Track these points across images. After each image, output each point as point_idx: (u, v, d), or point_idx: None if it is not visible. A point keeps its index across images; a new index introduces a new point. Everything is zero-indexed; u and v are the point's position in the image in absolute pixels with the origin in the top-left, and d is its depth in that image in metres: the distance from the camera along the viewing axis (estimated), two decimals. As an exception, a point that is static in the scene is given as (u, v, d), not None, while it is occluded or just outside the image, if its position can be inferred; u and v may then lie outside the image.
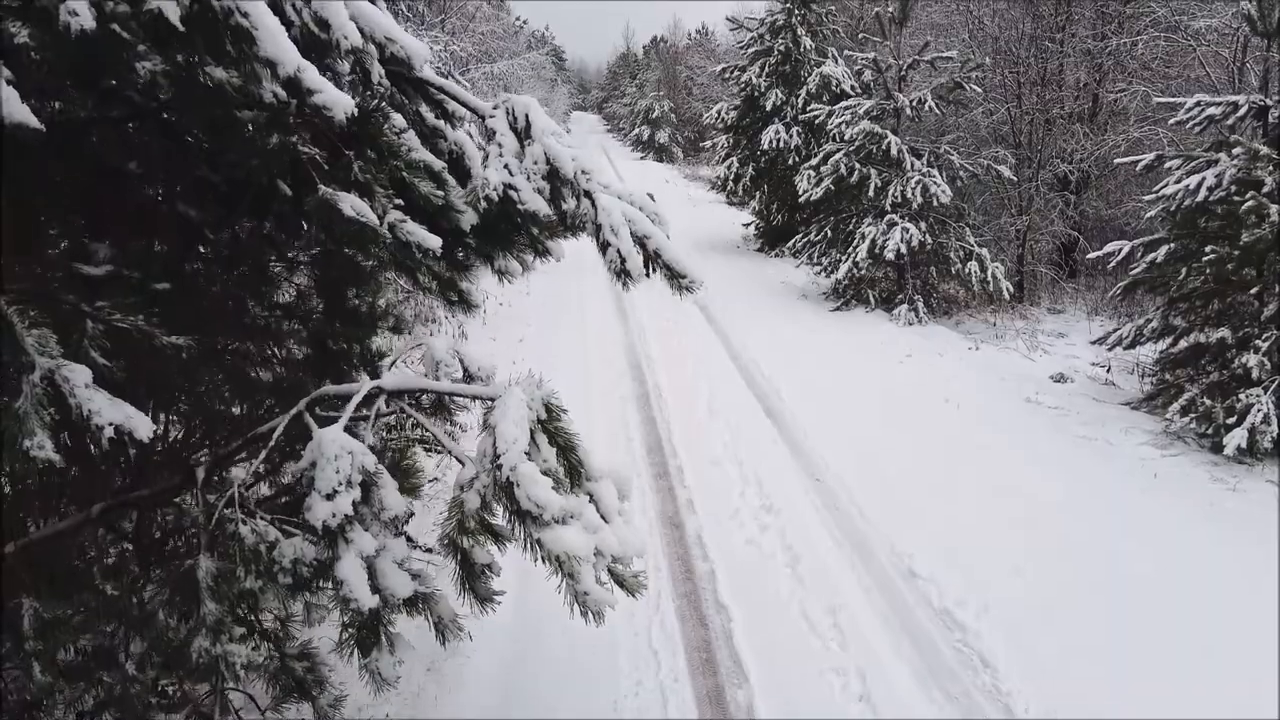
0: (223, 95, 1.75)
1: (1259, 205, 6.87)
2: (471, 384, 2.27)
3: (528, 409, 1.82)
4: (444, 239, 2.19)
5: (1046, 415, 8.24)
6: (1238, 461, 6.96)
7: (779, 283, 14.33)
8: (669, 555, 5.81)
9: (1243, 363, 7.08)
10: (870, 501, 6.50)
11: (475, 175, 2.32)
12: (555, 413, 1.90)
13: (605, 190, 2.24)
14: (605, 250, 2.20)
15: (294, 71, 1.69)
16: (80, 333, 1.74)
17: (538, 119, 2.19)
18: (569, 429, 1.92)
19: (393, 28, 1.97)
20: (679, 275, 2.24)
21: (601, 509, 1.86)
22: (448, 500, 1.99)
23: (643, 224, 2.22)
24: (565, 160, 2.17)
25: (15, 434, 1.50)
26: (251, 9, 1.65)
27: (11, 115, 1.50)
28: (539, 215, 2.14)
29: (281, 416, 1.97)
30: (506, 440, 1.73)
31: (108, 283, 1.93)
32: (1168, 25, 11.53)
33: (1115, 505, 6.34)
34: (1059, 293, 13.78)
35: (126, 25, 1.62)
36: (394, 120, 2.17)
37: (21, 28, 1.61)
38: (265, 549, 1.84)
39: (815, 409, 8.40)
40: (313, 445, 1.83)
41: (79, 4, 1.58)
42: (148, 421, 1.66)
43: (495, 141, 2.18)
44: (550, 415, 1.87)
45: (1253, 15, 7.68)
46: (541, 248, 2.33)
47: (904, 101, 11.76)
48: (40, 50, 1.61)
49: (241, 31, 1.64)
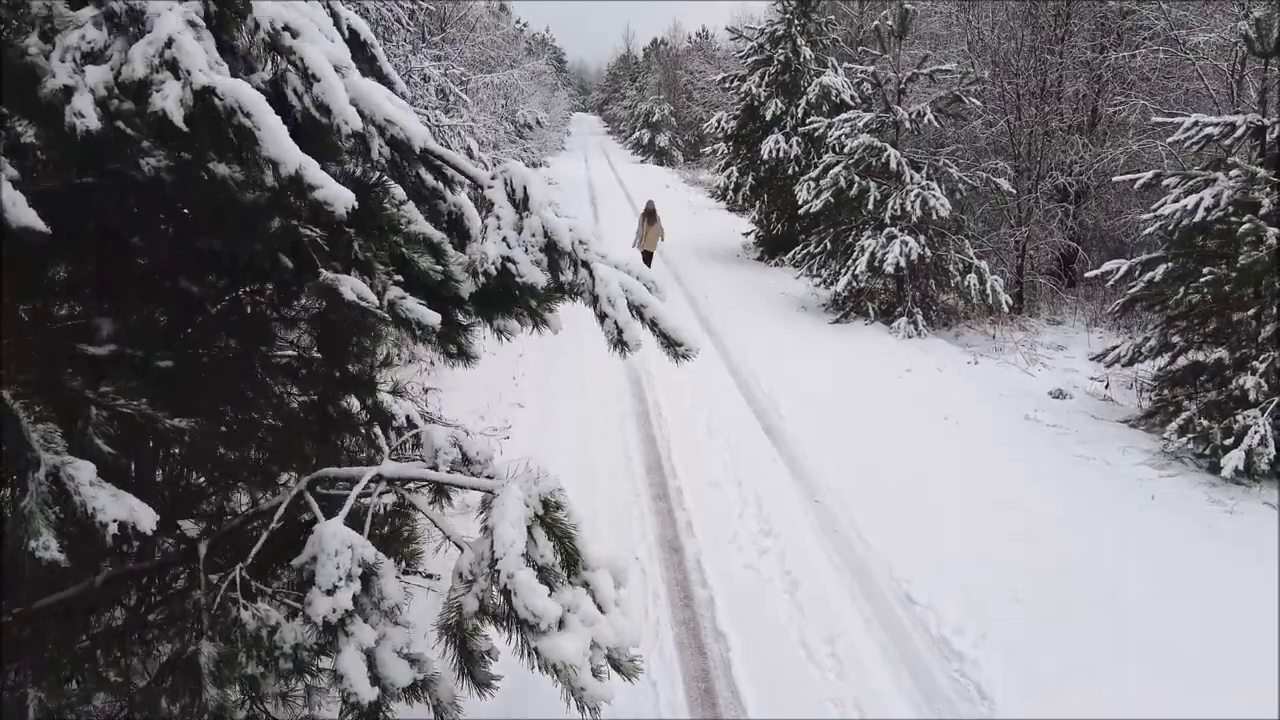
0: (225, 187, 1.78)
1: (1256, 228, 6.89)
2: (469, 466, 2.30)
3: (524, 506, 1.85)
4: (443, 305, 2.21)
5: (1045, 433, 8.26)
6: (1235, 483, 6.98)
7: (779, 293, 14.35)
8: (668, 581, 5.83)
9: (1240, 384, 7.10)
10: (869, 523, 6.52)
11: (473, 245, 2.35)
12: (553, 508, 1.92)
13: (602, 260, 2.26)
14: (603, 320, 2.23)
15: (295, 170, 1.72)
16: (85, 420, 1.77)
17: (535, 190, 2.22)
18: (567, 520, 1.95)
19: (393, 110, 2.00)
20: (675, 343, 2.27)
21: (598, 599, 1.89)
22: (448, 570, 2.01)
23: (639, 292, 2.25)
24: (563, 233, 2.20)
25: (20, 535, 1.53)
26: (253, 109, 1.67)
27: (19, 219, 1.52)
28: (537, 288, 2.17)
29: (284, 495, 2.00)
30: (504, 543, 1.76)
31: (111, 362, 1.96)
32: (1166, 38, 11.55)
33: (1113, 527, 6.36)
34: (1058, 303, 13.80)
35: (131, 122, 1.65)
36: (394, 192, 2.20)
37: (28, 126, 1.64)
38: (267, 633, 1.87)
39: (814, 426, 8.43)
40: (313, 540, 1.85)
41: (84, 103, 1.61)
42: (151, 513, 1.68)
43: (493, 214, 2.21)
44: (548, 509, 1.90)
45: (1250, 35, 7.70)
46: (540, 319, 2.35)
47: (903, 115, 11.78)
48: (46, 149, 1.63)
49: (244, 131, 1.67)
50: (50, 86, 1.62)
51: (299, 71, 1.87)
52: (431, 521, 2.18)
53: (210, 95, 1.65)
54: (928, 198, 11.33)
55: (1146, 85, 12.46)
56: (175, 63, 1.65)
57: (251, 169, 1.72)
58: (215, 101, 1.65)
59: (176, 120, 1.62)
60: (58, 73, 1.64)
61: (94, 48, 1.68)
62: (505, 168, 2.23)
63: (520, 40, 28.77)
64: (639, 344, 2.26)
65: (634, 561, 6.04)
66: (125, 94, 1.66)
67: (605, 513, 6.70)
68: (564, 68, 69.18)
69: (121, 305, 2.08)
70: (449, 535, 2.09)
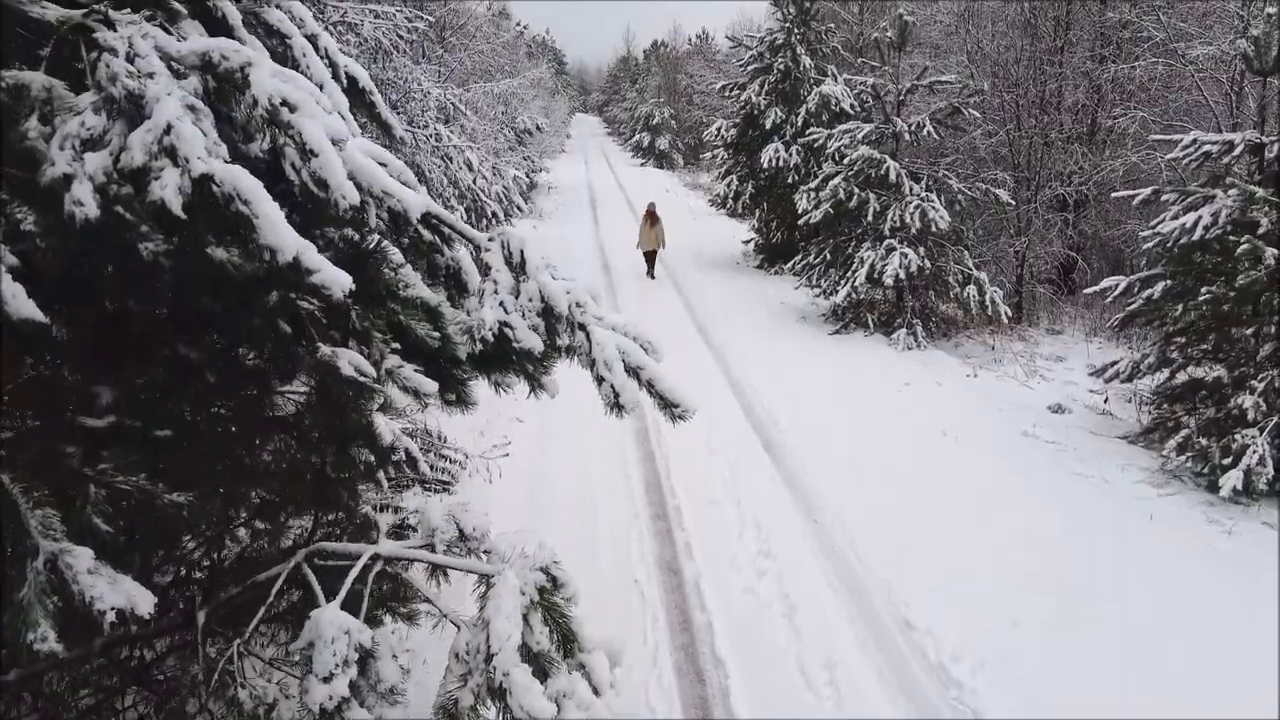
0: (224, 271, 1.80)
1: (1254, 248, 6.90)
2: (466, 542, 2.31)
3: (520, 594, 1.86)
4: (441, 366, 2.22)
5: (1044, 450, 8.27)
6: (1234, 502, 6.99)
7: (779, 303, 14.36)
8: (666, 605, 5.84)
9: (1238, 403, 7.11)
10: (867, 543, 6.53)
11: (471, 303, 2.36)
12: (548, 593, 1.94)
13: (599, 322, 2.28)
14: (600, 383, 2.24)
15: (293, 258, 1.73)
16: (83, 499, 1.78)
17: (532, 254, 2.23)
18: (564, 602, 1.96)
19: (390, 183, 2.01)
20: (672, 404, 2.28)
21: (594, 680, 1.90)
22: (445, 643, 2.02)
23: (636, 355, 2.26)
24: (559, 297, 2.21)
25: (19, 627, 1.54)
26: (251, 196, 1.68)
27: (18, 311, 1.53)
28: (533, 352, 2.18)
29: (281, 565, 2.01)
30: (499, 638, 1.77)
31: (110, 434, 1.97)
32: (1165, 50, 11.56)
33: (1112, 549, 6.37)
34: (1058, 312, 13.80)
35: (130, 206, 1.66)
36: (391, 257, 2.21)
37: (28, 213, 1.65)
38: (264, 711, 1.89)
39: (814, 442, 8.44)
40: (310, 625, 1.87)
41: (84, 192, 1.62)
42: (149, 596, 1.69)
43: (491, 278, 2.22)
44: (543, 594, 1.91)
45: (1249, 54, 7.71)
46: (536, 383, 2.36)
47: (902, 126, 11.78)
48: (45, 235, 1.65)
49: (242, 218, 1.68)
50: (50, 174, 1.64)
51: (297, 146, 1.88)
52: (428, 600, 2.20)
53: (209, 183, 1.66)
54: (927, 209, 11.33)
55: (1146, 96, 12.47)
56: (174, 150, 1.66)
57: (249, 253, 1.74)
58: (214, 188, 1.67)
59: (175, 209, 1.63)
60: (57, 160, 1.65)
61: (93, 134, 1.69)
62: (502, 230, 2.24)
63: (520, 44, 28.76)
64: (636, 406, 2.27)
65: (633, 584, 6.05)
66: (124, 179, 1.67)
67: (605, 534, 6.72)
68: (564, 69, 69.21)
69: (120, 371, 2.09)
70: (445, 614, 2.10)
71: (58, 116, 1.74)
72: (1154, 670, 4.99)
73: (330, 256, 2.08)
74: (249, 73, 1.87)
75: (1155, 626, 5.42)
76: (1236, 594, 5.78)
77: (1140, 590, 5.83)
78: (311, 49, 2.71)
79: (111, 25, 1.85)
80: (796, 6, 15.67)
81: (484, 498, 7.08)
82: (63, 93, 1.78)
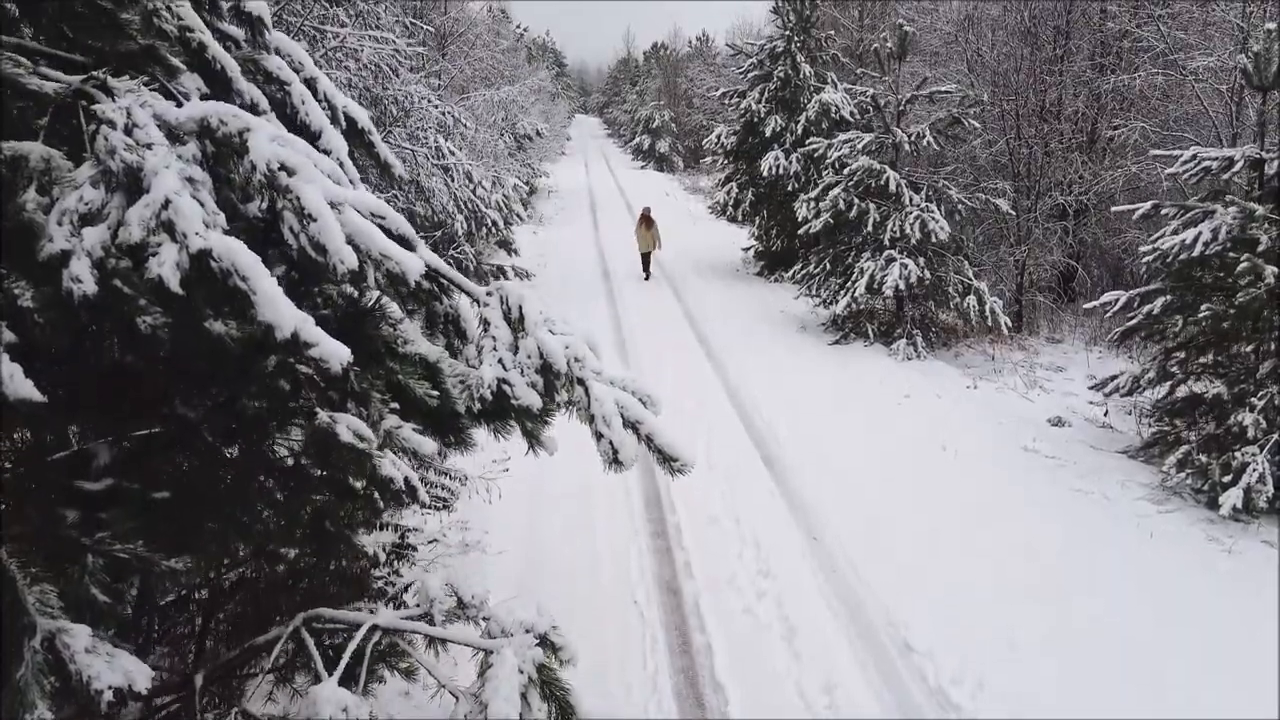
0: (222, 343, 1.80)
1: (1254, 266, 6.90)
2: (465, 610, 2.31)
3: (519, 672, 1.87)
4: (441, 418, 2.22)
5: (1044, 465, 8.26)
6: (1234, 519, 6.99)
7: (778, 311, 14.36)
8: (666, 626, 5.84)
9: (1238, 420, 7.11)
10: (866, 561, 6.53)
11: (469, 350, 2.36)
12: (548, 669, 1.94)
13: (598, 377, 2.28)
14: (599, 439, 2.24)
15: (291, 333, 1.73)
16: (81, 569, 1.78)
17: (530, 309, 2.23)
18: (562, 677, 1.96)
19: (389, 246, 2.01)
20: (671, 459, 2.28)
21: (591, 753, 1.91)
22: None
23: (635, 409, 2.26)
24: (558, 354, 2.21)
25: (15, 707, 1.54)
26: (249, 272, 1.68)
27: (16, 392, 1.54)
28: (532, 410, 2.18)
29: (279, 629, 2.01)
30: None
31: (107, 497, 1.97)
32: (1165, 61, 11.55)
33: (1112, 569, 6.37)
34: (1057, 320, 13.80)
35: (128, 280, 1.66)
36: (390, 313, 2.21)
37: (26, 288, 1.65)
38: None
39: (813, 457, 8.44)
40: (308, 704, 1.87)
41: (81, 268, 1.62)
42: (147, 671, 1.69)
43: (489, 334, 2.22)
44: (542, 671, 1.91)
45: (1249, 69, 7.71)
46: (535, 439, 2.36)
47: (902, 136, 11.78)
48: (42, 311, 1.65)
49: (239, 294, 1.68)
50: (48, 251, 1.63)
51: (295, 210, 1.88)
52: (426, 670, 2.20)
53: (207, 258, 1.66)
54: (927, 220, 11.33)
55: (1146, 106, 12.47)
56: (172, 225, 1.66)
57: (247, 326, 1.74)
58: (212, 264, 1.67)
59: (173, 286, 1.63)
60: (55, 236, 1.65)
61: (91, 208, 1.69)
62: (501, 286, 2.24)
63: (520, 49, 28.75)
64: (634, 460, 2.27)
65: (633, 605, 6.05)
66: (122, 254, 1.67)
67: (605, 552, 6.72)
68: (564, 71, 69.20)
69: (118, 429, 2.09)
70: (444, 685, 2.10)
71: (56, 187, 1.74)
72: (1156, 694, 4.99)
73: (329, 314, 2.08)
74: (247, 138, 1.87)
75: (1156, 647, 5.42)
76: (1237, 613, 5.78)
77: (1140, 611, 5.83)
78: (310, 94, 2.71)
79: (110, 92, 1.85)
80: (796, 14, 15.66)
81: (484, 517, 7.10)
82: (61, 162, 1.78)
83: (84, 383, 1.99)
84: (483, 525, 7.04)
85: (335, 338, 2.07)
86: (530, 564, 6.65)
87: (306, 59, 2.85)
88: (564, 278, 17.51)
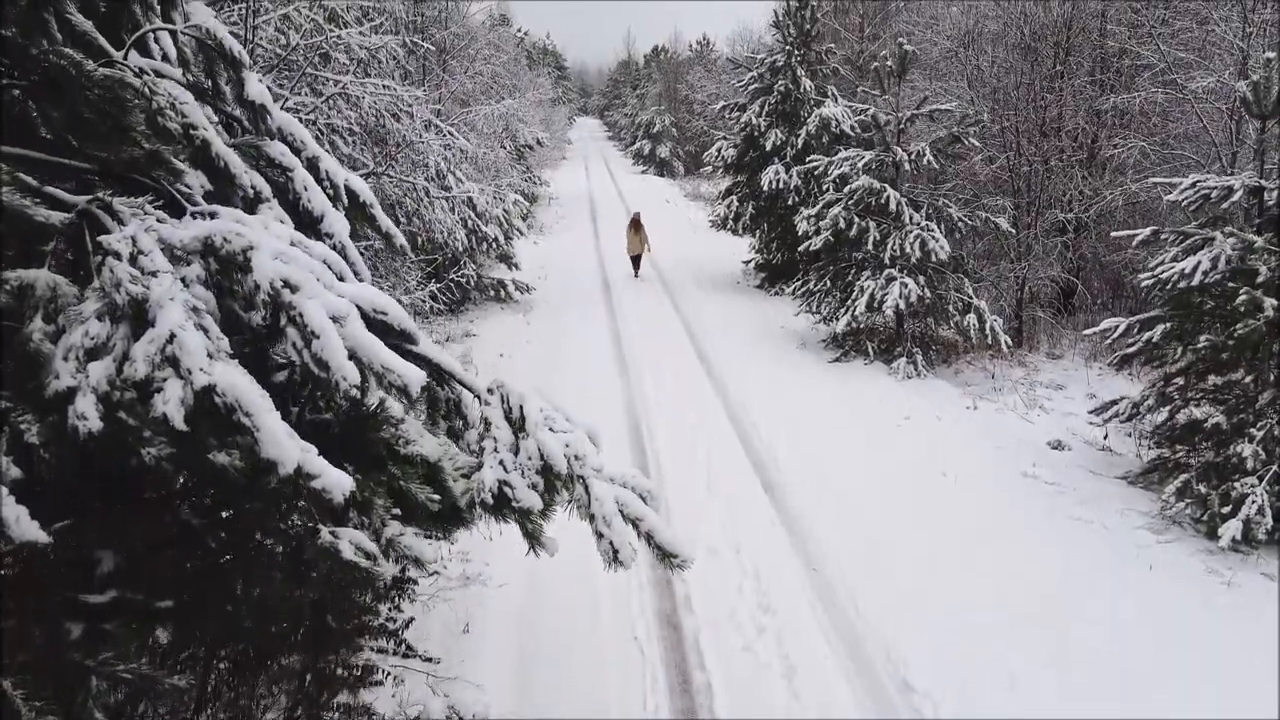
0: (225, 473, 1.82)
1: (1253, 299, 6.91)
2: None
3: None
4: (440, 519, 2.24)
5: (1043, 492, 8.28)
6: (1233, 550, 7.00)
7: (779, 327, 14.37)
8: (666, 663, 5.86)
9: (1237, 451, 7.12)
10: (865, 594, 6.56)
11: (470, 441, 2.37)
12: None
13: (598, 475, 2.30)
14: (599, 538, 2.26)
15: (293, 469, 1.75)
16: (85, 693, 1.80)
17: (531, 410, 2.25)
18: None
19: (390, 358, 2.03)
20: (671, 555, 2.31)
21: None
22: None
23: (635, 506, 2.28)
24: (558, 456, 2.23)
25: None
26: (253, 408, 1.70)
27: (21, 535, 1.56)
28: (533, 512, 2.21)
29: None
30: None
31: (111, 608, 1.99)
32: (1165, 81, 11.57)
33: (1112, 602, 6.38)
34: (1058, 335, 13.81)
35: (132, 411, 1.68)
36: (391, 413, 2.23)
37: (32, 422, 1.67)
38: None
39: (813, 483, 8.46)
40: None
41: (87, 405, 1.64)
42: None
43: (490, 434, 2.24)
44: None
45: (1249, 98, 7.72)
46: (536, 541, 2.39)
47: (902, 155, 11.79)
48: (47, 446, 1.67)
49: (243, 429, 1.70)
50: (54, 387, 1.66)
51: (298, 328, 1.90)
52: None
53: (211, 394, 1.68)
54: (927, 239, 11.35)
55: (1146, 123, 12.48)
56: (176, 360, 1.68)
57: (250, 457, 1.76)
58: (216, 399, 1.69)
59: (178, 424, 1.65)
60: (61, 373, 1.67)
61: (97, 342, 1.71)
62: (502, 384, 2.26)
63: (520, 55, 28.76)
64: (634, 558, 2.29)
65: (633, 641, 6.07)
66: (128, 386, 1.69)
67: (605, 586, 6.73)
68: (564, 74, 69.21)
69: (123, 535, 2.11)
70: None
71: (62, 315, 1.76)
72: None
73: (330, 418, 2.10)
74: (250, 256, 1.89)
75: (1156, 683, 5.44)
76: (1238, 648, 5.80)
77: (1140, 645, 5.85)
78: (311, 179, 2.73)
79: (114, 213, 1.87)
80: (797, 29, 15.68)
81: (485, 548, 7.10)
82: (67, 289, 1.80)
83: (87, 492, 2.01)
84: (484, 557, 7.05)
85: (338, 442, 2.09)
86: (531, 596, 6.67)
87: (308, 137, 2.87)
88: (564, 289, 17.53)
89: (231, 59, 2.53)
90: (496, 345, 13.41)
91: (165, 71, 2.63)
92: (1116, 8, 12.90)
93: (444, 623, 6.24)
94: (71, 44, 2.42)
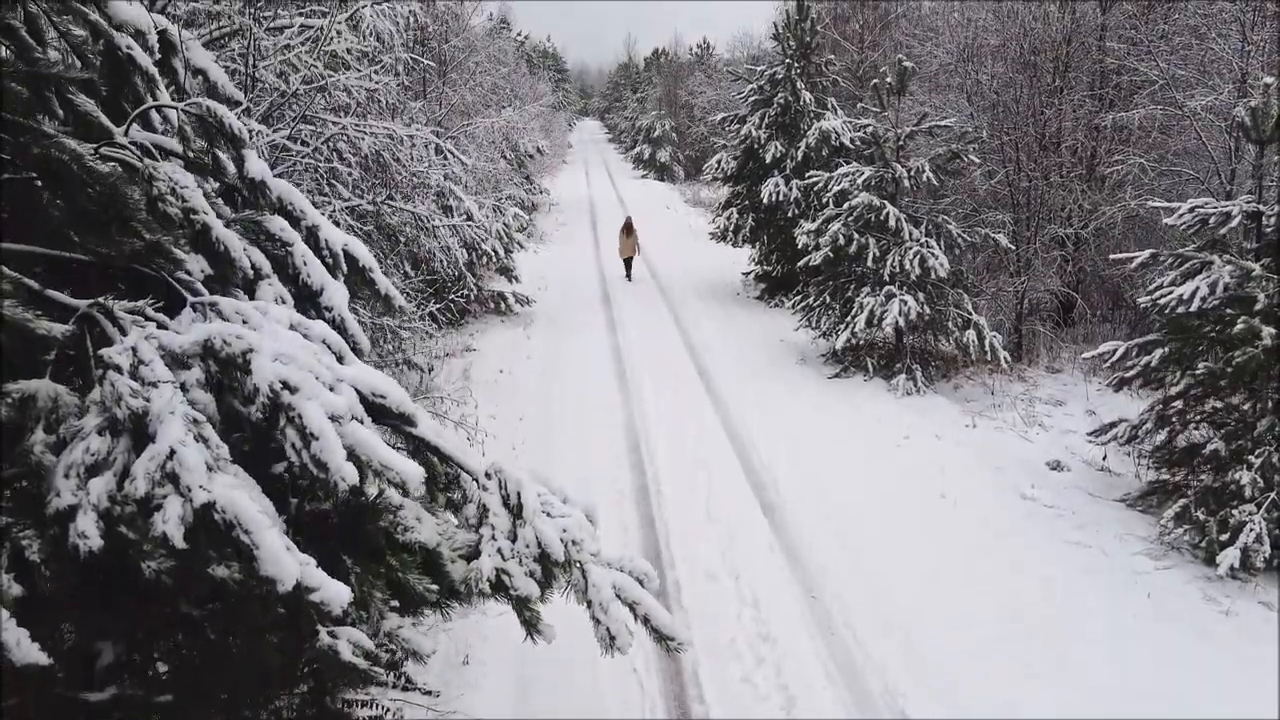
0: (224, 585, 1.84)
1: (1251, 328, 6.93)
2: None
3: None
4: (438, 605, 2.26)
5: (1042, 515, 8.29)
6: (1232, 577, 7.01)
7: (778, 341, 14.39)
8: (665, 695, 5.88)
9: (1236, 478, 7.14)
10: (864, 621, 6.58)
11: (469, 516, 2.39)
12: None
13: (595, 560, 2.31)
14: (596, 624, 2.28)
15: (293, 586, 1.77)
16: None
17: (529, 498, 2.27)
18: None
19: (388, 454, 2.05)
20: (667, 638, 2.32)
21: None
22: None
23: (632, 590, 2.30)
24: (555, 544, 2.25)
25: None
26: (252, 525, 1.72)
27: (24, 658, 1.58)
28: (530, 600, 2.22)
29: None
30: None
31: (111, 705, 2.01)
32: (1163, 98, 11.58)
33: (1110, 631, 6.40)
34: (1057, 349, 13.81)
35: (133, 526, 1.70)
36: (390, 501, 2.25)
37: (33, 539, 1.68)
38: None
39: (811, 505, 8.48)
40: None
41: (88, 523, 1.66)
42: None
43: (488, 522, 2.26)
44: None
45: (1247, 123, 7.73)
46: (533, 628, 2.40)
47: (902, 172, 11.81)
48: (49, 563, 1.69)
49: (242, 547, 1.72)
50: (55, 506, 1.68)
51: (297, 429, 1.92)
52: None
53: (211, 511, 1.70)
54: (926, 256, 11.36)
55: (1145, 140, 12.49)
56: (177, 477, 1.70)
57: (249, 572, 1.78)
58: (215, 516, 1.71)
59: (177, 542, 1.67)
60: (63, 490, 1.69)
61: (97, 459, 1.73)
62: (500, 469, 2.28)
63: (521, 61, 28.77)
64: (631, 644, 2.31)
65: (632, 673, 6.09)
66: (128, 501, 1.71)
67: (604, 615, 6.75)
68: (565, 77, 69.22)
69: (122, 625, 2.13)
70: None
71: (63, 425, 1.78)
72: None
73: (329, 508, 2.12)
74: (250, 359, 1.91)
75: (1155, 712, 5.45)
76: (1239, 679, 5.82)
77: (1138, 679, 5.86)
78: (311, 254, 2.75)
79: (114, 318, 1.88)
80: (797, 41, 15.69)
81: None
82: (68, 399, 1.82)
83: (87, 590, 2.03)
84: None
85: (337, 532, 2.11)
86: (530, 625, 6.68)
87: (308, 206, 2.89)
88: (564, 301, 17.55)
89: (232, 136, 2.55)
90: (496, 360, 13.42)
91: (166, 146, 2.65)
92: (1116, 23, 12.91)
93: (443, 654, 6.25)
94: (74, 122, 2.44)
